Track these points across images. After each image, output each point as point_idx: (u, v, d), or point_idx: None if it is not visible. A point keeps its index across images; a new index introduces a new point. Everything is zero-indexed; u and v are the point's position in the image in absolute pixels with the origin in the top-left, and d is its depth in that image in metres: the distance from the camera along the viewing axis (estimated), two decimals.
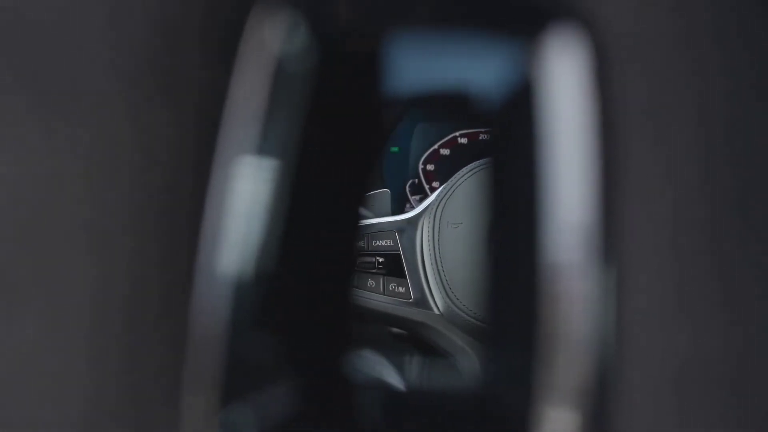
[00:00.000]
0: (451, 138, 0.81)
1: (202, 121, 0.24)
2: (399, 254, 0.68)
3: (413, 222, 0.68)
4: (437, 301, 0.65)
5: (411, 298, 0.67)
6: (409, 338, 0.69)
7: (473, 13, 0.25)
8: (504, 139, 0.27)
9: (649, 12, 0.25)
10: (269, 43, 0.24)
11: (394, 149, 0.81)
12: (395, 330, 0.70)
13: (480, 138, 0.80)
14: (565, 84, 0.24)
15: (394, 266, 0.68)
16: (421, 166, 0.79)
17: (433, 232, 0.66)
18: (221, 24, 0.24)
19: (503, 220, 0.27)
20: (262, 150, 0.24)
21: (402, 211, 0.71)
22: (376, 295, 0.68)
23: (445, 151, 0.81)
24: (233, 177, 0.24)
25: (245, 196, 0.24)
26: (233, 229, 0.24)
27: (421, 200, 0.71)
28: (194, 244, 0.24)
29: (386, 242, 0.69)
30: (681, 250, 0.24)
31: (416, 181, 0.79)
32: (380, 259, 0.69)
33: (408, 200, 0.80)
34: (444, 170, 0.80)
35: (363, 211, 0.28)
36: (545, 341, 0.24)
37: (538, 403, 0.24)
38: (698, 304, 0.24)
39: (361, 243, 0.69)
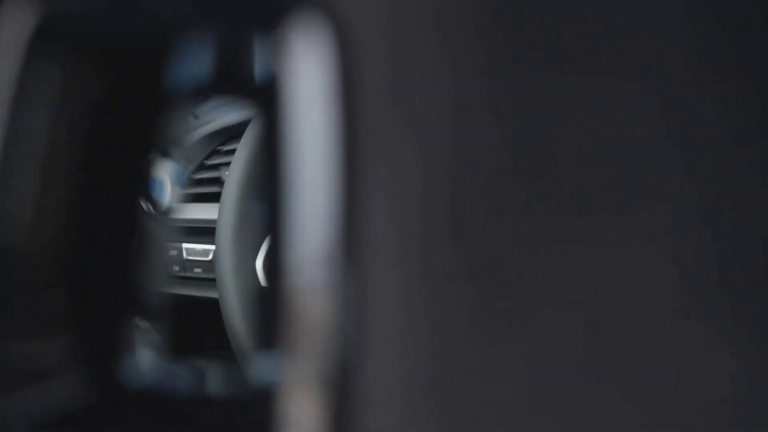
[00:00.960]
0: None
1: None
2: None
3: None
4: None
5: None
6: None
7: (216, 9, 0.25)
8: (260, 134, 0.26)
9: None
10: (16, 43, 0.25)
11: None
12: None
13: None
14: (307, 77, 0.24)
15: None
16: None
17: None
18: None
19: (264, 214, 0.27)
20: (12, 143, 0.25)
21: None
22: None
23: None
24: None
25: None
26: None
27: None
28: None
29: None
30: (428, 247, 0.24)
31: None
32: None
33: None
34: None
35: (144, 205, 0.28)
36: (288, 335, 0.24)
37: (282, 398, 0.23)
38: (443, 304, 0.23)
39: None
